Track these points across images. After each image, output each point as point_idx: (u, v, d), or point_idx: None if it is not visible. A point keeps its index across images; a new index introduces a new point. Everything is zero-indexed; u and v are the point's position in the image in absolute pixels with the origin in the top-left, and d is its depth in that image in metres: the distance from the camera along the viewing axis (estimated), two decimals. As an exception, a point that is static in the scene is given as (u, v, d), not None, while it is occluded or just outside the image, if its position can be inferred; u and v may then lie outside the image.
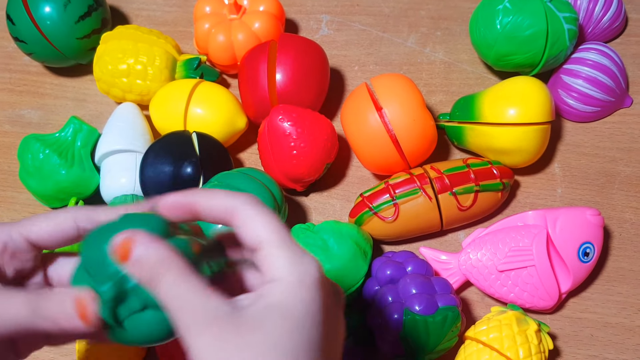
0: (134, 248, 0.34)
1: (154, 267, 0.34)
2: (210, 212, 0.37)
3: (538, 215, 0.62)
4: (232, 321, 0.32)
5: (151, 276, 0.34)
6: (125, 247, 0.34)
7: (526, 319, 0.57)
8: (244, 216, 0.36)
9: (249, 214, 0.36)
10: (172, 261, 0.34)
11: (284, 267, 0.34)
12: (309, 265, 0.35)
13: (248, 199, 0.36)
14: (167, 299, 0.33)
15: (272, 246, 0.35)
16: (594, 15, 0.74)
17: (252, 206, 0.36)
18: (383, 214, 0.63)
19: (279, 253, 0.35)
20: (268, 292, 0.33)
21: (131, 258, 0.34)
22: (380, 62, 0.79)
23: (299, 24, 0.83)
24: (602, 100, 0.70)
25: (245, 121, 0.71)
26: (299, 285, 0.34)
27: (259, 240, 0.35)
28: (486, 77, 0.77)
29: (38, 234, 0.39)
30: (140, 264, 0.34)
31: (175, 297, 0.33)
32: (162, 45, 0.73)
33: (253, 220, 0.36)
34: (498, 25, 0.68)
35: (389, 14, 0.82)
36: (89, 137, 0.70)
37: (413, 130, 0.63)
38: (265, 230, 0.35)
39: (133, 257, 0.34)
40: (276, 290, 0.33)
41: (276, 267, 0.34)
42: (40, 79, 0.81)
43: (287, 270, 0.34)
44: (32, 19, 0.72)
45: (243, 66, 0.71)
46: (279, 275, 0.34)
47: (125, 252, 0.34)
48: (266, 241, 0.35)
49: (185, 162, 0.64)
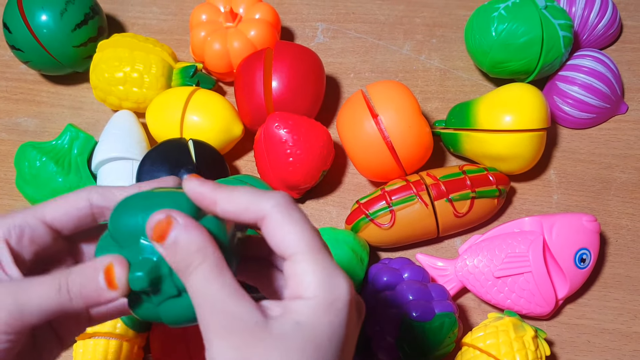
0: (170, 230, 0.32)
1: (189, 255, 0.32)
2: (232, 215, 0.34)
3: (534, 222, 0.62)
4: (256, 333, 0.31)
5: (184, 265, 0.32)
6: (162, 227, 0.33)
7: (523, 325, 0.57)
8: (274, 224, 0.33)
9: (280, 221, 0.33)
10: (208, 253, 0.32)
11: (316, 285, 0.32)
12: (341, 287, 0.33)
13: (279, 202, 0.34)
14: (196, 294, 0.32)
15: (303, 260, 0.33)
16: (589, 22, 0.75)
17: (282, 211, 0.33)
18: (379, 220, 0.63)
19: (311, 269, 0.33)
20: (296, 309, 0.32)
21: (167, 241, 0.32)
22: (376, 70, 0.79)
23: (295, 32, 0.83)
24: (597, 106, 0.71)
25: (242, 128, 0.71)
26: (328, 308, 0.32)
27: (290, 252, 0.33)
28: (482, 84, 0.77)
29: (53, 215, 0.38)
30: (174, 249, 0.32)
31: (205, 295, 0.32)
32: (158, 53, 0.73)
33: (283, 229, 0.33)
34: (493, 33, 0.68)
35: (384, 22, 0.82)
36: (85, 144, 0.70)
37: (409, 137, 0.63)
38: (297, 241, 0.33)
39: (168, 240, 0.32)
40: (305, 310, 0.32)
41: (307, 282, 0.32)
42: (37, 87, 0.81)
43: (319, 289, 0.32)
44: (29, 27, 0.72)
45: (239, 74, 0.71)
46: (309, 293, 0.32)
47: (162, 233, 0.33)
48: (298, 253, 0.33)
49: (182, 169, 0.64)
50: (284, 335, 0.31)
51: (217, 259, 0.32)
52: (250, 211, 0.34)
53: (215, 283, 0.32)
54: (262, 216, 0.34)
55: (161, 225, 0.33)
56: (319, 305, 0.32)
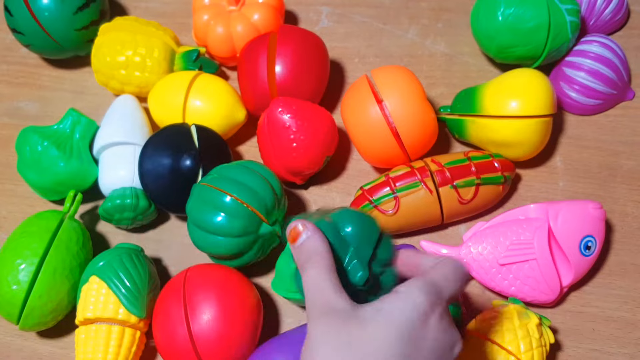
0: (299, 235, 0.43)
1: (308, 255, 0.42)
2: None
3: (540, 209, 0.62)
4: (344, 316, 0.39)
5: (304, 261, 0.42)
6: (294, 233, 0.43)
7: (527, 313, 0.57)
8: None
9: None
10: (322, 256, 0.41)
11: (405, 286, 0.40)
12: (423, 294, 0.40)
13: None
14: (306, 285, 0.41)
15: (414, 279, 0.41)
16: (596, 8, 0.74)
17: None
18: (383, 207, 0.63)
19: (413, 280, 0.41)
20: (385, 299, 0.40)
21: (296, 243, 0.43)
22: (381, 55, 0.78)
23: (299, 16, 0.82)
24: (604, 93, 0.70)
25: (245, 114, 0.70)
26: (406, 300, 0.39)
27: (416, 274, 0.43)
28: (488, 69, 0.77)
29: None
30: (299, 250, 0.42)
31: (312, 286, 0.41)
32: (160, 36, 0.72)
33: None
34: (500, 17, 0.68)
35: (389, 6, 0.82)
36: (87, 129, 0.69)
37: (413, 123, 0.63)
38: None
39: (297, 243, 0.43)
40: (388, 299, 0.40)
41: (403, 285, 0.41)
42: (38, 71, 0.81)
43: (404, 287, 0.40)
44: (30, 10, 0.72)
45: (242, 58, 0.70)
46: (399, 289, 0.40)
47: (294, 237, 0.43)
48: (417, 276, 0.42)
49: (185, 154, 0.64)
50: (366, 318, 0.38)
51: (328, 263, 0.41)
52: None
53: (321, 278, 0.40)
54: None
55: (293, 231, 0.43)
56: (399, 296, 0.40)
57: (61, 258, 0.61)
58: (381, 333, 0.38)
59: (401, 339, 0.38)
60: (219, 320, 0.56)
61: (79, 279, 0.62)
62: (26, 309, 0.60)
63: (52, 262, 0.60)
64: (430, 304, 0.40)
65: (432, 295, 0.40)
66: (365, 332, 0.38)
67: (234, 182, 0.59)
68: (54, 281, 0.60)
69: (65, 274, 0.61)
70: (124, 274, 0.60)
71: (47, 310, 0.61)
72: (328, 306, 0.39)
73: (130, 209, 0.65)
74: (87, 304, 0.59)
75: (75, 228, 0.64)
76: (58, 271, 0.61)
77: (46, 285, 0.60)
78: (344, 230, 0.45)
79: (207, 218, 0.58)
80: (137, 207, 0.65)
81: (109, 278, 0.59)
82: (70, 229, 0.63)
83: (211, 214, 0.58)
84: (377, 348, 0.37)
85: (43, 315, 0.61)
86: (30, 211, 0.71)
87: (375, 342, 0.37)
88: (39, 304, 0.60)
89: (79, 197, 0.66)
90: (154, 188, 0.64)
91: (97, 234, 0.70)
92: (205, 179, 0.61)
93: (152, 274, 0.63)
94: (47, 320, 0.62)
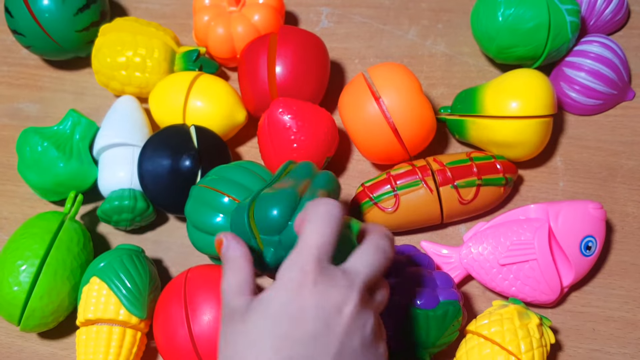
0: (222, 245, 0.48)
1: (226, 263, 0.46)
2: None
3: (540, 209, 0.62)
4: (237, 314, 0.42)
5: (224, 269, 0.46)
6: (217, 244, 0.48)
7: (528, 313, 0.57)
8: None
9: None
10: (235, 263, 0.46)
11: (283, 268, 0.42)
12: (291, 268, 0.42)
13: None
14: (222, 286, 0.45)
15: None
16: (596, 8, 0.74)
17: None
18: (383, 204, 0.63)
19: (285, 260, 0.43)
20: (265, 291, 0.43)
21: (221, 253, 0.48)
22: (381, 55, 0.78)
23: (299, 17, 0.82)
24: (604, 93, 0.70)
25: (245, 114, 0.70)
26: (284, 286, 0.41)
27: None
28: (488, 69, 0.77)
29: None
30: (222, 258, 0.47)
31: (222, 291, 0.45)
32: (160, 37, 0.72)
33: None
34: (500, 18, 0.68)
35: (389, 6, 0.82)
36: (87, 130, 0.69)
37: (412, 118, 0.63)
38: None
39: (221, 253, 0.48)
40: (269, 289, 0.42)
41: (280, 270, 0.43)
42: (39, 72, 0.81)
43: (283, 271, 0.42)
44: (31, 11, 0.72)
45: (243, 59, 0.71)
46: (278, 276, 0.43)
47: (218, 247, 0.48)
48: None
49: (184, 155, 0.64)
50: (249, 311, 0.42)
51: (240, 266, 0.46)
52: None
53: (229, 284, 0.45)
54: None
55: (219, 242, 0.48)
56: (275, 283, 0.42)
57: (62, 259, 0.61)
58: (259, 322, 0.41)
59: (278, 320, 0.40)
60: (219, 321, 0.56)
61: (79, 280, 0.63)
62: (27, 310, 0.60)
63: (53, 263, 0.60)
64: (298, 278, 0.41)
65: (297, 267, 0.42)
66: (246, 326, 0.41)
67: (232, 183, 0.59)
68: (55, 282, 0.60)
69: (66, 275, 0.61)
70: (124, 275, 0.60)
71: (48, 312, 0.61)
72: (228, 308, 0.44)
73: (128, 211, 0.65)
74: (88, 305, 0.59)
75: (76, 229, 0.64)
76: (59, 272, 0.61)
77: (47, 286, 0.60)
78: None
79: (205, 219, 0.58)
80: (134, 208, 0.65)
81: (109, 279, 0.59)
82: (71, 230, 0.63)
83: (209, 215, 0.58)
84: (257, 337, 0.40)
85: (44, 316, 0.61)
86: (31, 212, 0.71)
87: (255, 331, 0.40)
88: (40, 305, 0.60)
89: (80, 198, 0.66)
90: (154, 189, 0.64)
91: (97, 235, 0.70)
92: (204, 181, 0.61)
93: (153, 274, 0.63)
94: (48, 321, 0.62)
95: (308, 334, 0.40)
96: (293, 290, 0.40)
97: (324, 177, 0.54)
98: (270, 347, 0.39)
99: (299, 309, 0.40)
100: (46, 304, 0.60)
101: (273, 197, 0.50)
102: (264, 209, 0.50)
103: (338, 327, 0.40)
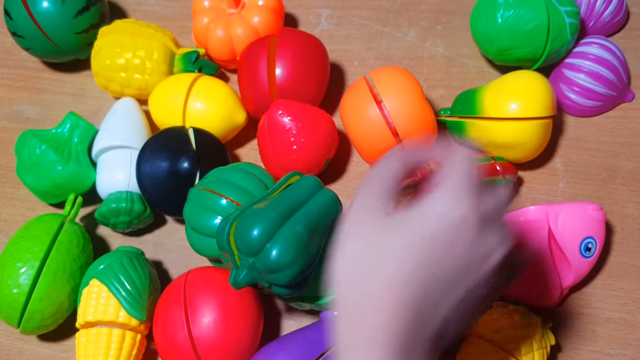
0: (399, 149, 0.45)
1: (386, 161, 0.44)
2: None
3: (540, 210, 0.62)
4: (378, 217, 0.40)
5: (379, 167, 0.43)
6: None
7: (528, 314, 0.57)
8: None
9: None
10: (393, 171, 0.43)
11: (439, 190, 0.40)
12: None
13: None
14: (365, 185, 0.42)
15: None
16: (596, 9, 0.74)
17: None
18: (384, 209, 0.63)
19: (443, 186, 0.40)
20: (417, 205, 0.40)
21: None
22: (381, 57, 0.78)
23: (299, 19, 0.82)
24: (603, 94, 0.70)
25: (245, 116, 0.70)
26: (442, 204, 0.39)
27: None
28: (487, 71, 0.77)
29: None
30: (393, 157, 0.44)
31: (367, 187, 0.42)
32: (160, 38, 0.72)
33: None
34: (499, 19, 0.68)
35: (389, 8, 0.82)
36: (86, 133, 0.69)
37: (413, 122, 0.63)
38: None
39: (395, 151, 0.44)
40: (420, 205, 0.40)
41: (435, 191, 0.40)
42: (39, 75, 0.81)
43: (440, 191, 0.40)
44: (30, 13, 0.72)
45: (242, 61, 0.71)
46: (432, 195, 0.40)
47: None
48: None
49: (182, 157, 0.64)
50: (396, 220, 0.40)
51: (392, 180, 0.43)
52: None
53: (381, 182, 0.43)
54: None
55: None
56: (430, 201, 0.39)
57: (62, 261, 0.61)
58: (408, 234, 0.39)
59: (427, 241, 0.38)
60: (219, 323, 0.56)
61: (79, 282, 0.62)
62: (27, 312, 0.60)
63: (52, 266, 0.60)
64: (461, 211, 0.39)
65: (462, 202, 0.39)
66: (393, 234, 0.39)
67: (230, 184, 0.59)
68: (54, 284, 0.60)
69: (66, 277, 0.61)
70: (124, 277, 0.60)
71: (47, 314, 0.61)
72: (366, 208, 0.41)
73: (125, 213, 0.65)
74: (88, 307, 0.59)
75: (76, 231, 0.64)
76: (59, 274, 0.61)
77: (47, 288, 0.60)
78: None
79: (204, 221, 0.58)
80: (132, 211, 0.65)
81: (109, 281, 0.59)
82: (71, 232, 0.63)
83: (208, 217, 0.58)
84: (402, 247, 0.38)
85: (44, 318, 0.61)
86: (30, 214, 0.71)
87: (400, 241, 0.39)
88: (40, 307, 0.60)
89: (79, 200, 0.66)
90: (152, 191, 0.64)
91: (97, 237, 0.70)
92: (202, 183, 0.61)
93: (153, 277, 0.63)
94: (48, 323, 0.62)
95: (445, 244, 0.39)
96: (451, 221, 0.39)
97: (320, 202, 0.54)
98: (405, 246, 0.38)
99: (450, 242, 0.39)
100: (46, 306, 0.60)
101: (254, 219, 0.50)
102: (243, 229, 0.50)
103: (476, 248, 0.40)
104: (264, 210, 0.51)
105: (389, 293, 0.38)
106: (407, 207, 0.40)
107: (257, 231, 0.50)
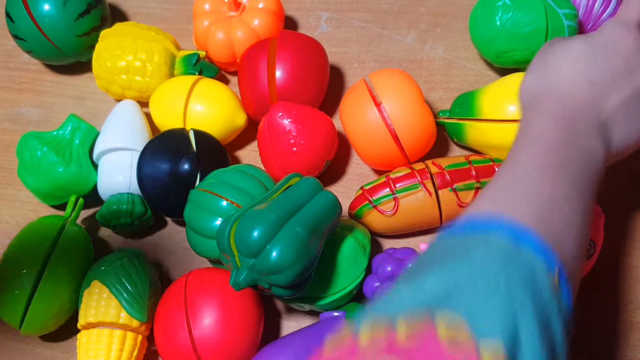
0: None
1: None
2: None
3: (538, 212, 0.62)
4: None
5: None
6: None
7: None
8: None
9: None
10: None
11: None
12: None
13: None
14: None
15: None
16: (594, 12, 0.74)
17: None
18: (382, 207, 0.63)
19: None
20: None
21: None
22: (380, 59, 0.79)
23: (298, 21, 0.83)
24: (602, 96, 0.70)
25: (245, 118, 0.71)
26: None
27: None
28: (486, 73, 0.77)
29: None
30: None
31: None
32: (160, 41, 0.73)
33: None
34: (498, 22, 0.68)
35: (388, 11, 0.82)
36: (87, 135, 0.69)
37: (412, 125, 0.63)
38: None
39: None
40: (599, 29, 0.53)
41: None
42: (40, 77, 0.81)
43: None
44: (32, 16, 0.72)
45: (243, 63, 0.71)
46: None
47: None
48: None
49: (183, 159, 0.64)
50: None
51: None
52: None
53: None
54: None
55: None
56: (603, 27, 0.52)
57: (63, 262, 0.61)
58: (579, 45, 0.51)
59: (592, 49, 0.50)
60: (220, 324, 0.57)
61: (80, 284, 0.63)
62: (28, 313, 0.60)
63: (54, 267, 0.61)
64: (623, 29, 0.51)
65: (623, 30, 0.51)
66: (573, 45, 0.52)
67: (230, 186, 0.59)
68: (56, 286, 0.61)
69: (67, 279, 0.62)
70: (125, 278, 0.60)
71: (49, 315, 0.61)
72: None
73: (126, 215, 0.65)
74: (89, 309, 0.59)
75: (77, 233, 0.64)
76: (60, 276, 0.61)
77: (48, 289, 0.60)
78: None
79: (204, 223, 0.59)
80: (132, 213, 0.65)
81: (110, 282, 0.60)
82: (72, 234, 0.64)
83: (208, 218, 0.59)
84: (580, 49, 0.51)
85: (45, 319, 0.61)
86: (32, 216, 0.71)
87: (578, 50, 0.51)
88: (41, 308, 0.60)
89: (81, 202, 0.66)
90: (153, 192, 0.65)
91: (98, 239, 0.70)
92: (202, 184, 0.61)
93: (153, 278, 0.63)
94: (49, 324, 0.62)
95: (620, 62, 0.50)
96: (618, 34, 0.51)
97: (320, 203, 0.55)
98: (584, 57, 0.50)
99: (614, 48, 0.50)
100: (47, 307, 0.60)
101: (254, 220, 0.51)
102: (243, 231, 0.50)
103: (634, 58, 0.50)
104: (264, 211, 0.51)
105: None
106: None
107: (257, 232, 0.50)
